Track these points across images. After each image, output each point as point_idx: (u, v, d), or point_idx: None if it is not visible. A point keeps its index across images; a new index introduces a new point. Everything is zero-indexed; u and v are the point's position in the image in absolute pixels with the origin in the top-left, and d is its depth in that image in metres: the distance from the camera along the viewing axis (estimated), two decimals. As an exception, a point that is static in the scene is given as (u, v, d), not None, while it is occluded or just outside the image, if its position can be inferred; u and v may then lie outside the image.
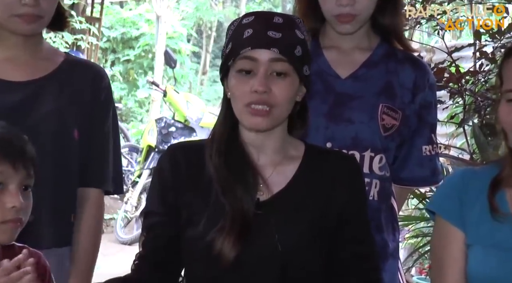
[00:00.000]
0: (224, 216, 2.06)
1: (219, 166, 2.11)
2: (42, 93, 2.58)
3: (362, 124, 2.45)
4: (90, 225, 2.65)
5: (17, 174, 2.07)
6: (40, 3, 2.49)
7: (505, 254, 2.08)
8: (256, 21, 2.10)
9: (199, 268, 2.14)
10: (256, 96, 2.04)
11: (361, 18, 2.46)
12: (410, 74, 2.54)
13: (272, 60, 2.05)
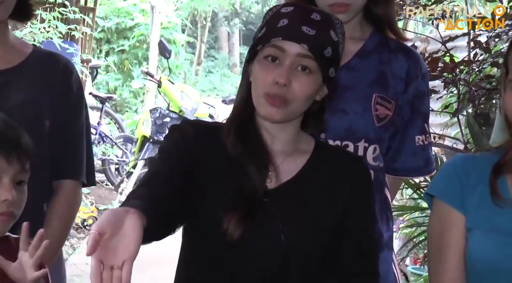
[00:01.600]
0: (233, 195, 2.08)
1: (235, 143, 2.12)
2: (10, 84, 2.58)
3: (356, 114, 2.45)
4: (61, 215, 2.65)
5: (10, 168, 2.08)
6: None
7: (506, 238, 2.09)
8: (294, 13, 2.10)
9: (206, 244, 2.15)
10: (276, 89, 2.04)
11: (355, 7, 2.46)
12: (403, 64, 2.54)
13: (300, 55, 2.05)
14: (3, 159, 2.06)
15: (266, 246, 2.09)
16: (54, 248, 2.63)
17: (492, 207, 2.11)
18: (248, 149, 2.12)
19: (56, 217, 2.64)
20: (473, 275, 2.14)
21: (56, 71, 2.67)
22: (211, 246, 2.13)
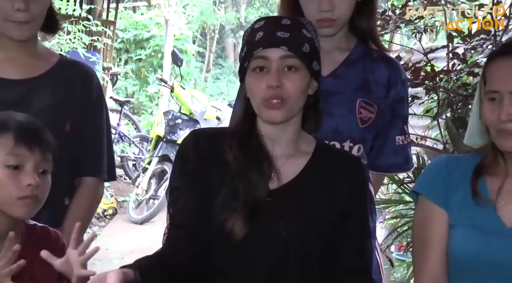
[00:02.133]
0: (237, 199, 2.05)
1: (238, 155, 2.10)
2: (37, 90, 2.58)
3: (342, 117, 2.45)
4: (82, 208, 2.66)
5: (32, 156, 2.07)
6: (31, 8, 2.47)
7: (485, 236, 2.07)
8: (266, 24, 2.10)
9: (212, 243, 2.12)
10: (271, 91, 2.03)
11: (340, 22, 2.46)
12: (385, 71, 2.54)
13: (282, 57, 2.04)
14: (25, 148, 2.06)
15: (268, 244, 2.07)
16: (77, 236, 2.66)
17: (473, 206, 2.10)
18: (250, 160, 2.09)
19: (77, 210, 2.64)
20: (455, 268, 2.13)
21: (78, 79, 2.66)
22: (215, 241, 2.10)
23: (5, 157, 2.05)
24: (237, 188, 2.06)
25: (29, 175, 2.06)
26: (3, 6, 2.45)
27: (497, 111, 2.03)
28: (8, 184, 2.05)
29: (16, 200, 2.05)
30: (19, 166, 2.06)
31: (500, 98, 2.03)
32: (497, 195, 2.10)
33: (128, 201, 8.86)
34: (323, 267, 2.11)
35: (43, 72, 2.62)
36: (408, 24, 4.73)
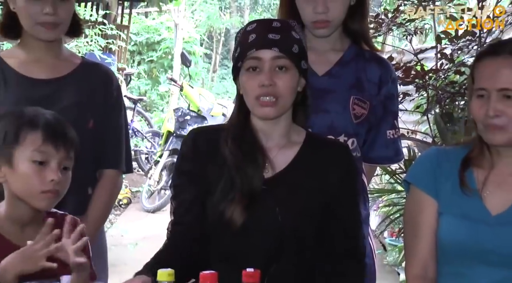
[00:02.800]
0: (235, 190, 2.06)
1: (233, 149, 2.10)
2: (62, 89, 2.58)
3: (336, 113, 2.44)
4: (103, 198, 2.66)
5: (58, 154, 2.07)
6: (58, 12, 2.49)
7: (472, 224, 2.07)
8: (258, 27, 2.10)
9: (212, 232, 2.13)
10: (264, 89, 2.04)
11: (334, 23, 2.46)
12: (376, 71, 2.53)
13: (274, 57, 2.04)
14: (51, 146, 2.06)
15: (265, 228, 2.07)
16: (98, 223, 2.67)
17: (461, 195, 2.10)
18: (245, 153, 2.09)
19: (99, 200, 2.65)
20: (443, 253, 2.13)
21: (99, 79, 2.67)
22: (216, 229, 2.11)
23: (32, 153, 2.05)
24: (234, 180, 2.07)
25: (53, 172, 2.05)
26: (33, 10, 2.47)
27: (485, 107, 2.02)
28: (33, 178, 2.05)
29: (39, 194, 2.05)
30: (44, 162, 2.06)
31: (487, 95, 2.02)
32: (483, 185, 2.09)
33: (141, 192, 8.88)
34: (316, 250, 2.11)
35: (67, 72, 2.62)
36: (399, 26, 4.73)
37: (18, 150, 2.05)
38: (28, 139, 2.05)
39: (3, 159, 2.07)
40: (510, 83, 2.00)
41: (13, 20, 2.56)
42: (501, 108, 2.00)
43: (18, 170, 2.06)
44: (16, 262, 1.93)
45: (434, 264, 2.14)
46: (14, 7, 2.53)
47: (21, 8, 2.50)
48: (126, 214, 8.36)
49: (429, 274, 2.13)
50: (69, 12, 2.55)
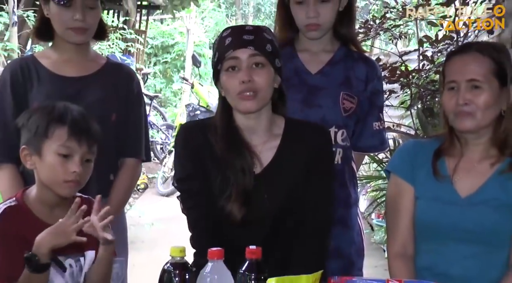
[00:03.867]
0: (230, 187, 2.06)
1: (223, 150, 2.09)
2: (88, 86, 2.58)
3: (328, 108, 2.44)
4: (124, 183, 2.65)
5: (80, 149, 2.07)
6: (87, 19, 2.50)
7: (444, 205, 2.09)
8: (232, 31, 2.09)
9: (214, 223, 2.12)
10: (244, 86, 2.02)
11: (324, 27, 2.45)
12: (363, 69, 2.52)
13: (250, 55, 2.03)
14: (75, 142, 2.06)
15: (257, 217, 2.07)
16: (120, 205, 2.66)
17: (434, 181, 2.11)
18: (234, 152, 2.08)
19: (120, 185, 2.64)
20: (420, 232, 2.15)
21: (121, 78, 2.67)
22: (216, 225, 2.10)
23: (58, 147, 2.05)
24: (229, 176, 2.06)
25: (75, 164, 2.06)
26: (65, 17, 2.48)
27: (455, 97, 2.05)
28: (58, 169, 2.05)
29: (63, 183, 2.06)
30: (68, 155, 2.06)
31: (457, 87, 2.05)
32: (454, 172, 2.11)
33: (157, 178, 8.89)
34: (297, 221, 2.09)
35: (94, 71, 2.62)
36: (386, 31, 4.74)
37: (46, 143, 2.06)
38: (55, 134, 2.05)
39: (33, 149, 2.07)
40: (476, 75, 2.03)
41: (46, 25, 2.57)
42: (469, 97, 2.03)
43: (45, 160, 2.06)
44: (49, 237, 1.94)
45: (412, 243, 2.15)
46: (47, 13, 2.53)
47: (54, 14, 2.51)
48: (143, 198, 8.37)
49: (408, 252, 2.14)
50: (96, 19, 2.56)
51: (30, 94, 2.53)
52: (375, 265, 5.18)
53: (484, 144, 2.10)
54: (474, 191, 2.08)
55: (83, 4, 2.48)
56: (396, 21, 4.66)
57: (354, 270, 2.47)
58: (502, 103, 2.06)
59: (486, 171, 2.09)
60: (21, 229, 2.01)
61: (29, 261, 1.94)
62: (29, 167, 2.12)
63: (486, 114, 2.03)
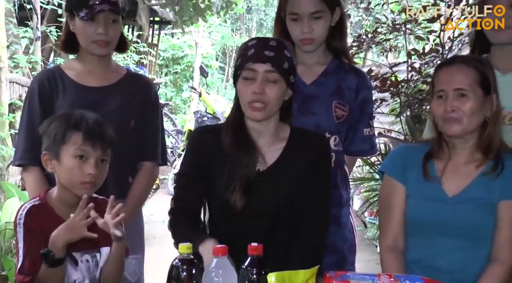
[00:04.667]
0: (235, 180, 2.06)
1: (231, 145, 2.09)
2: (109, 95, 2.58)
3: (321, 115, 2.43)
4: (142, 185, 2.64)
5: (95, 152, 2.07)
6: (109, 33, 2.51)
7: (433, 203, 2.10)
8: (257, 43, 2.08)
9: (218, 216, 2.14)
10: (255, 96, 2.03)
11: (317, 41, 2.45)
12: (354, 79, 2.51)
13: (267, 71, 2.03)
14: (89, 146, 2.06)
15: (261, 211, 2.07)
16: (137, 206, 2.65)
17: (424, 181, 2.12)
18: (241, 149, 2.09)
19: (138, 187, 2.63)
20: (410, 227, 2.15)
21: (140, 87, 2.66)
22: (222, 215, 2.12)
23: (74, 151, 2.06)
24: (234, 172, 2.07)
25: (90, 166, 2.06)
26: (89, 31, 2.49)
27: (443, 105, 2.06)
28: (75, 171, 2.06)
29: (80, 184, 2.06)
30: (84, 158, 2.07)
31: (446, 95, 2.07)
32: (442, 173, 2.12)
33: (167, 179, 8.87)
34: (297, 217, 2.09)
35: (115, 81, 2.62)
36: (377, 45, 4.73)
37: (64, 148, 2.06)
38: (72, 139, 2.06)
39: (52, 154, 2.08)
40: (463, 84, 2.05)
41: (71, 39, 2.58)
42: (456, 105, 2.05)
43: (64, 164, 2.07)
44: (62, 233, 1.95)
45: (403, 238, 2.15)
46: (73, 27, 2.54)
47: (79, 28, 2.52)
48: (155, 197, 8.36)
49: (399, 246, 2.15)
50: (117, 32, 2.57)
51: (56, 103, 2.54)
52: (368, 260, 5.17)
53: (469, 148, 2.10)
54: (460, 191, 2.09)
55: (105, 19, 2.49)
56: (386, 35, 4.65)
57: (347, 265, 2.46)
58: (486, 111, 2.07)
59: (471, 172, 2.09)
60: (43, 226, 2.02)
61: (45, 257, 1.95)
62: (50, 170, 2.13)
63: (472, 120, 2.05)
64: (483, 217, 2.05)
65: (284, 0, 2.46)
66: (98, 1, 2.47)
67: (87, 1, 2.47)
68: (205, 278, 1.69)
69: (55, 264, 1.95)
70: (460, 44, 4.36)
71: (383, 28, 4.70)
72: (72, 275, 2.05)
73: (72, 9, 2.52)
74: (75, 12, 2.51)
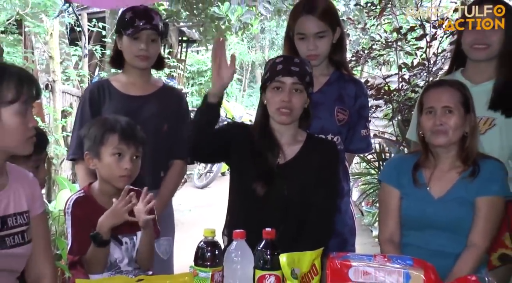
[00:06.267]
0: (258, 170, 2.09)
1: (258, 141, 2.13)
2: (148, 103, 2.61)
3: (326, 119, 2.43)
4: (173, 180, 2.66)
5: (129, 150, 2.09)
6: (149, 50, 2.56)
7: (422, 204, 2.14)
8: (284, 60, 2.13)
9: (240, 204, 2.15)
10: (284, 104, 2.08)
11: (321, 56, 2.45)
12: (353, 88, 2.51)
13: (293, 83, 2.08)
14: (125, 145, 2.09)
15: (277, 198, 2.08)
16: (168, 196, 2.67)
17: (414, 187, 2.17)
18: (266, 145, 2.12)
19: (170, 181, 2.64)
20: (404, 223, 2.19)
21: (173, 98, 2.69)
22: (244, 201, 2.13)
23: (112, 150, 2.08)
24: (259, 164, 2.09)
25: (126, 162, 2.08)
26: (133, 47, 2.55)
27: (432, 119, 2.12)
28: (114, 166, 2.08)
29: (118, 177, 2.08)
30: (120, 155, 2.08)
31: (434, 111, 2.12)
32: (429, 180, 2.17)
33: (193, 174, 8.89)
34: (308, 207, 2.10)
35: (152, 92, 2.65)
36: (373, 59, 4.73)
37: (103, 148, 2.09)
38: (109, 140, 2.08)
39: (93, 154, 2.11)
40: (450, 102, 2.11)
41: (118, 55, 2.63)
42: (444, 119, 2.11)
43: (104, 161, 2.09)
44: (107, 218, 1.97)
45: (399, 232, 2.19)
46: (120, 46, 2.60)
47: (125, 45, 2.57)
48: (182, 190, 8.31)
49: (395, 239, 2.18)
50: (156, 49, 2.61)
51: (103, 108, 2.58)
52: (364, 243, 5.14)
53: (451, 158, 2.16)
54: (444, 193, 2.14)
55: (147, 37, 2.54)
56: (380, 51, 4.65)
57: (348, 246, 2.45)
58: (466, 127, 2.13)
59: (453, 177, 2.15)
60: (88, 214, 2.04)
61: (94, 238, 1.96)
62: (92, 167, 2.14)
63: (455, 133, 2.11)
64: (463, 212, 2.10)
65: (292, 22, 2.46)
66: (142, 22, 2.53)
67: (133, 22, 2.53)
68: (226, 258, 1.70)
69: (102, 244, 1.97)
70: (443, 58, 4.35)
71: (377, 45, 4.70)
72: (114, 255, 2.07)
73: (121, 29, 2.57)
74: (123, 32, 2.56)
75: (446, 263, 2.01)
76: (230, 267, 1.68)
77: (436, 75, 4.28)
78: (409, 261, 1.64)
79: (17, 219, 1.75)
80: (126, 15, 2.57)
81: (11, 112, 1.64)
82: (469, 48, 2.39)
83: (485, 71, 2.40)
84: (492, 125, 2.34)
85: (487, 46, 2.35)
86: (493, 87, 2.36)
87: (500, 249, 2.33)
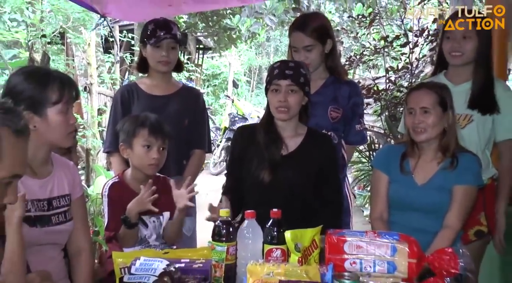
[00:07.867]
0: (265, 161, 2.09)
1: (264, 137, 2.12)
2: (170, 102, 2.61)
3: (320, 116, 2.42)
4: (194, 167, 2.66)
5: (157, 142, 2.10)
6: (170, 55, 2.56)
7: (407, 190, 2.14)
8: (280, 65, 2.11)
9: (249, 190, 2.14)
10: (281, 103, 2.07)
11: (312, 65, 2.44)
12: (347, 89, 2.50)
13: (288, 85, 2.06)
14: (153, 138, 2.10)
15: (282, 184, 2.08)
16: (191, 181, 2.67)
17: (400, 174, 2.17)
18: (270, 138, 2.11)
19: (191, 168, 2.65)
20: (391, 205, 2.18)
21: (192, 96, 2.70)
22: (253, 187, 2.12)
23: (143, 142, 2.09)
24: (264, 155, 2.09)
25: (154, 153, 2.09)
26: (156, 54, 2.56)
27: (413, 118, 2.13)
28: (144, 156, 2.09)
29: (148, 166, 2.09)
30: (149, 146, 2.09)
31: (414, 112, 2.13)
32: (414, 168, 2.16)
33: (209, 163, 8.90)
34: (314, 197, 2.10)
35: (173, 92, 2.66)
36: (363, 63, 4.71)
37: (134, 140, 2.09)
38: (140, 134, 2.09)
39: (127, 145, 2.12)
40: (426, 104, 2.11)
41: (144, 62, 2.63)
42: (422, 119, 2.11)
43: (135, 151, 2.10)
44: (133, 206, 1.99)
45: (387, 211, 2.19)
46: (145, 53, 2.61)
47: (149, 53, 2.58)
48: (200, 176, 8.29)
49: (384, 217, 2.18)
50: (176, 55, 2.61)
51: (132, 107, 2.59)
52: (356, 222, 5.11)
53: (433, 150, 2.16)
54: (426, 181, 2.14)
55: (167, 45, 2.54)
56: (370, 57, 4.63)
57: (343, 225, 2.44)
58: (444, 123, 2.13)
59: (434, 167, 2.14)
60: (122, 196, 2.05)
61: (124, 221, 1.98)
62: (125, 157, 2.15)
63: (434, 130, 2.11)
64: (441, 198, 2.10)
65: (289, 36, 2.49)
66: (162, 32, 2.52)
67: (155, 33, 2.53)
68: (239, 235, 1.71)
69: (131, 226, 1.98)
70: (424, 62, 4.33)
71: (367, 51, 4.68)
72: (143, 232, 2.08)
73: (145, 39, 2.58)
74: (146, 41, 2.56)
75: (426, 239, 2.01)
76: (242, 242, 1.69)
77: (418, 77, 4.28)
78: (396, 236, 1.65)
79: (61, 201, 1.77)
80: (149, 27, 2.57)
81: (55, 111, 1.66)
82: (448, 54, 2.41)
83: (463, 74, 2.41)
84: (470, 121, 2.35)
85: (462, 54, 2.37)
86: (470, 89, 2.38)
87: (476, 226, 2.36)
